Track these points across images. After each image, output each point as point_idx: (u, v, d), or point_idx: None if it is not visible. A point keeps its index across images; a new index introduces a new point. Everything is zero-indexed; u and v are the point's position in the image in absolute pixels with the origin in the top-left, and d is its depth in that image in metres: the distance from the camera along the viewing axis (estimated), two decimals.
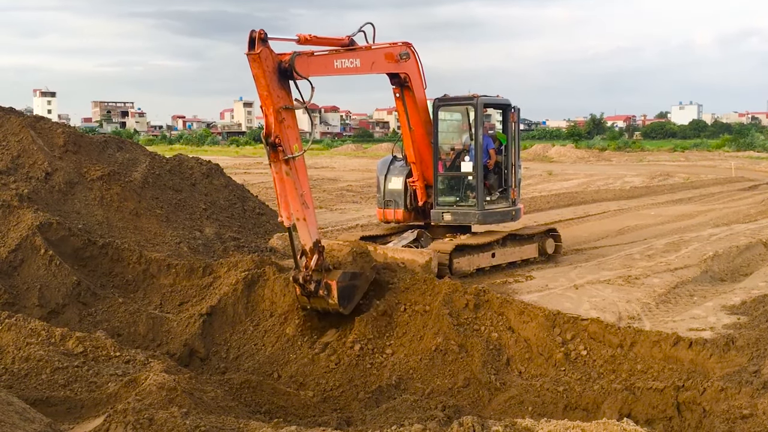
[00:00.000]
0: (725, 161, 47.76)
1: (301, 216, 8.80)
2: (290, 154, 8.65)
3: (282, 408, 7.51)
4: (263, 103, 8.66)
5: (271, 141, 8.54)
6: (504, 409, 7.49)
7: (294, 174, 8.73)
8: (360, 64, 10.79)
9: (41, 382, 6.86)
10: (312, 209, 9.01)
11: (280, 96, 8.72)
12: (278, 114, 8.59)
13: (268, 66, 8.58)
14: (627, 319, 10.03)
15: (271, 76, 8.62)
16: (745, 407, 6.19)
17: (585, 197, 26.35)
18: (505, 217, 13.70)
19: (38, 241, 10.84)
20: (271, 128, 8.57)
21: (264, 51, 8.53)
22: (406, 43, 12.28)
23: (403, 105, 12.87)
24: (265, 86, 8.55)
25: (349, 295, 9.18)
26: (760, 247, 15.18)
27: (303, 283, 8.88)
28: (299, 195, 8.77)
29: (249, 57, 8.48)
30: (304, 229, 8.83)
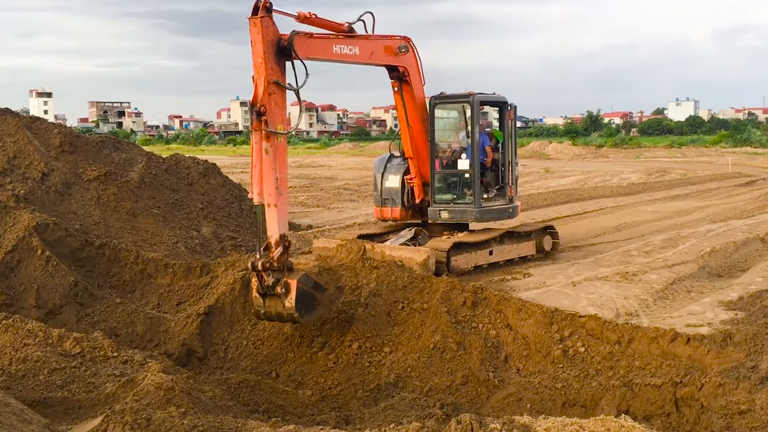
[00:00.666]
0: (722, 157, 47.81)
1: (272, 201, 8.33)
2: (273, 129, 8.37)
3: (280, 407, 7.51)
4: (256, 71, 8.42)
5: (257, 108, 8.29)
6: (502, 407, 7.50)
7: (273, 153, 8.39)
8: (359, 52, 10.72)
9: (39, 383, 6.85)
10: (285, 197, 8.60)
11: (274, 69, 8.55)
12: (269, 86, 8.41)
13: (268, 35, 8.45)
14: (625, 315, 10.04)
15: (269, 47, 8.48)
16: (742, 402, 6.20)
17: (582, 194, 26.36)
18: (502, 214, 13.70)
19: (35, 242, 10.82)
20: (259, 96, 8.36)
21: (267, 19, 8.43)
22: (405, 38, 12.28)
23: (402, 99, 12.86)
24: (262, 53, 8.38)
25: (309, 304, 8.41)
26: (757, 242, 15.20)
27: (261, 271, 8.14)
28: (275, 178, 8.38)
29: (250, 21, 8.36)
30: (273, 217, 8.35)
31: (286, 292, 8.18)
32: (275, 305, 8.28)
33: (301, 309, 8.25)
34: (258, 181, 8.28)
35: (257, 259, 8.20)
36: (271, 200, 8.32)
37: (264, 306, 8.38)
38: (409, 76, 12.48)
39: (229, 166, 37.74)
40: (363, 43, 10.89)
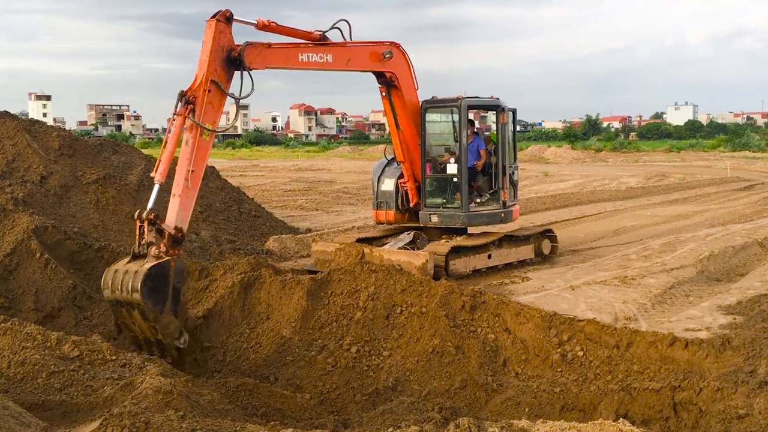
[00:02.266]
0: (721, 161, 47.84)
1: (178, 192, 8.22)
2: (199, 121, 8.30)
3: (279, 411, 7.50)
4: (199, 66, 8.50)
5: (187, 96, 8.29)
6: (501, 411, 7.50)
7: (192, 146, 8.30)
8: (332, 59, 10.71)
9: (37, 387, 6.84)
10: (193, 192, 8.43)
11: (217, 71, 8.62)
12: (207, 83, 8.45)
13: (220, 39, 8.59)
14: (623, 319, 10.04)
15: (218, 49, 8.59)
16: (741, 407, 6.20)
17: (581, 198, 26.38)
18: (492, 219, 13.59)
19: (34, 245, 10.81)
20: (194, 88, 8.40)
21: (222, 25, 8.59)
22: (394, 43, 12.27)
23: (390, 104, 12.86)
24: (208, 52, 8.50)
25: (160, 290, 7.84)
26: (755, 247, 15.21)
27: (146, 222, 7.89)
28: (187, 170, 8.26)
29: (207, 23, 8.53)
30: (174, 207, 8.20)
31: (155, 258, 7.85)
32: (134, 266, 7.84)
33: (151, 281, 7.75)
34: (166, 162, 8.23)
35: (144, 210, 7.99)
36: (177, 190, 8.28)
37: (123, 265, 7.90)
38: (398, 81, 12.46)
39: (228, 169, 37.75)
40: (337, 50, 10.86)
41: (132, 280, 7.72)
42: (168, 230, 8.04)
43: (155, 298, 7.81)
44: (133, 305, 7.79)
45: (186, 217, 8.34)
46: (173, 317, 8.02)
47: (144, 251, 7.97)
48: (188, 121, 8.31)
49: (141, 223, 7.97)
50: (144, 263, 7.84)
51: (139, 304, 7.74)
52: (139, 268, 7.77)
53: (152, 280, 7.75)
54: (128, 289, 7.73)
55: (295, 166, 46.27)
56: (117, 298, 7.91)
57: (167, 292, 7.92)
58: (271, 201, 24.33)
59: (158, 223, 7.96)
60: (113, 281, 7.89)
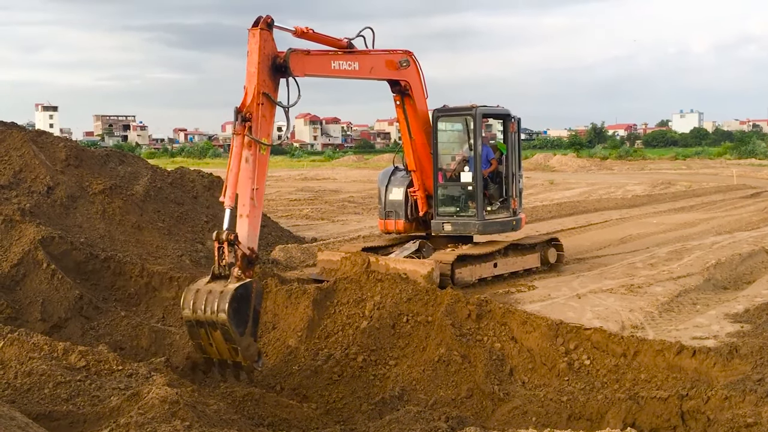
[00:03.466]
0: (727, 169, 47.74)
1: (245, 212, 8.11)
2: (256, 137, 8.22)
3: (285, 420, 7.49)
4: (248, 80, 8.41)
5: (243, 113, 8.21)
6: (507, 420, 7.47)
7: (253, 163, 8.21)
8: (359, 67, 10.75)
9: (44, 397, 6.84)
10: (259, 209, 8.38)
11: (266, 82, 8.54)
12: (258, 95, 8.38)
13: (265, 48, 8.49)
14: (630, 328, 10.01)
15: (264, 59, 8.50)
16: (749, 415, 6.17)
17: (587, 206, 26.34)
18: (505, 227, 13.70)
19: (40, 256, 10.84)
20: (247, 103, 8.32)
21: (266, 32, 8.49)
22: (407, 52, 12.31)
23: (404, 113, 12.89)
24: (256, 63, 8.40)
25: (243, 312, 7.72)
26: (762, 254, 15.15)
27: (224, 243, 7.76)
28: (251, 188, 8.17)
29: (250, 32, 8.42)
30: (243, 228, 8.08)
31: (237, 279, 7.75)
32: (215, 286, 7.71)
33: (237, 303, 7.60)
34: (232, 184, 8.07)
35: (222, 231, 7.85)
36: (244, 211, 8.14)
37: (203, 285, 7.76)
38: (411, 89, 12.51)
39: None
40: (363, 58, 10.93)
41: (218, 301, 7.55)
42: (243, 251, 7.92)
43: (239, 319, 7.65)
44: (216, 326, 7.59)
45: (256, 236, 8.23)
46: (253, 339, 7.90)
47: (225, 272, 7.84)
48: (246, 138, 8.20)
49: (220, 245, 7.84)
50: (227, 284, 7.70)
51: (224, 325, 7.54)
52: (223, 289, 7.63)
53: (237, 301, 7.59)
54: (213, 309, 7.55)
55: (301, 176, 46.36)
56: (198, 319, 7.68)
57: (249, 313, 7.79)
58: (277, 210, 24.36)
59: (237, 243, 7.87)
60: (195, 301, 7.69)
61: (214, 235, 7.91)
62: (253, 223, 8.16)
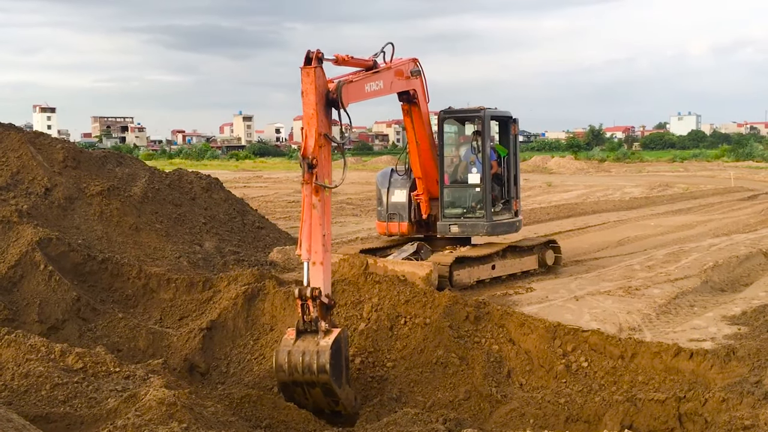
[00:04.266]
0: (724, 171, 47.80)
1: (319, 259, 7.98)
2: (322, 182, 8.08)
3: (283, 422, 7.49)
4: (307, 122, 8.16)
5: (309, 160, 7.96)
6: (505, 422, 7.47)
7: (321, 208, 8.09)
8: (383, 85, 10.52)
9: (41, 399, 6.84)
10: (329, 253, 8.29)
11: (324, 122, 8.31)
12: (320, 138, 8.14)
13: (320, 86, 8.22)
14: (628, 330, 10.02)
15: (321, 97, 8.25)
16: (746, 418, 6.17)
17: (585, 208, 26.35)
18: (510, 228, 13.78)
19: (38, 257, 10.83)
20: (310, 149, 8.04)
21: (320, 69, 8.22)
22: (414, 59, 12.22)
23: (411, 121, 12.85)
24: (314, 104, 8.12)
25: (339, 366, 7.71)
26: (760, 257, 15.17)
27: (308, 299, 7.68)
28: (322, 234, 8.04)
29: (303, 71, 8.13)
30: (318, 275, 7.97)
31: (326, 333, 7.66)
32: (306, 345, 7.58)
33: (333, 359, 7.51)
34: (307, 236, 7.92)
35: (305, 287, 7.72)
36: (317, 258, 7.98)
37: (292, 345, 7.62)
38: (417, 97, 12.47)
39: (231, 180, 37.81)
40: (385, 75, 10.67)
41: (316, 362, 7.47)
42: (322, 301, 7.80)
43: (337, 374, 7.64)
44: (316, 385, 7.56)
45: (329, 281, 8.15)
46: (349, 386, 7.94)
47: (311, 327, 7.72)
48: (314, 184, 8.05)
49: (303, 301, 7.72)
50: (318, 340, 7.60)
51: (326, 384, 7.52)
52: (317, 347, 7.53)
53: (334, 357, 7.54)
54: (313, 370, 7.48)
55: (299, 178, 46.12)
56: (296, 380, 7.61)
57: (343, 363, 7.81)
58: (275, 212, 24.35)
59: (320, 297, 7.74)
60: (290, 363, 7.57)
61: (297, 291, 7.73)
62: (327, 269, 8.09)
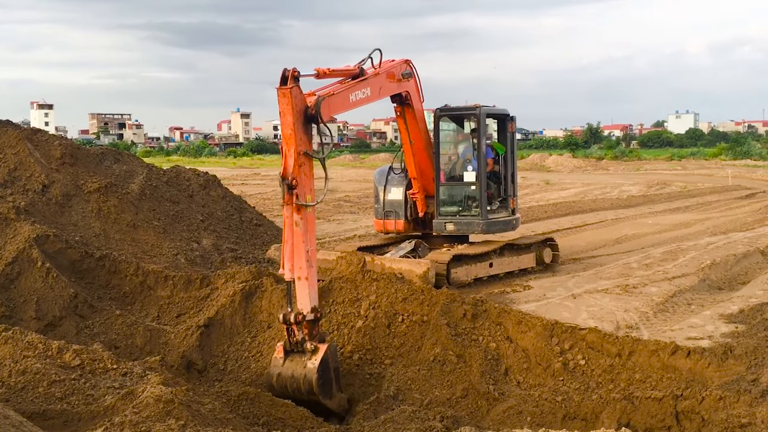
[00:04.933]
0: (722, 170, 47.87)
1: (303, 275, 8.08)
2: (303, 201, 8.13)
3: (280, 420, 7.49)
4: (286, 142, 8.20)
5: (289, 181, 8.02)
6: (502, 420, 7.48)
7: (303, 225, 8.12)
8: (370, 92, 10.47)
9: (38, 396, 6.83)
10: (315, 269, 8.36)
11: (303, 140, 8.30)
12: (299, 157, 8.16)
13: (297, 105, 8.21)
14: (625, 328, 10.03)
15: (298, 116, 8.24)
16: (743, 416, 6.18)
17: (582, 206, 26.38)
18: (507, 226, 13.76)
19: (35, 254, 10.82)
20: (290, 169, 8.06)
21: (296, 89, 8.19)
22: (406, 61, 12.18)
23: (404, 122, 12.83)
24: (291, 124, 8.13)
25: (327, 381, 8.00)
26: (757, 255, 15.20)
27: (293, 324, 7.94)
28: (305, 251, 8.12)
29: (279, 91, 8.14)
30: (304, 290, 8.10)
31: (312, 352, 7.97)
32: (295, 366, 7.97)
33: (321, 379, 7.88)
34: (289, 256, 8.05)
35: (289, 312, 7.95)
36: (302, 273, 8.08)
37: (281, 367, 8.04)
38: (411, 98, 12.44)
39: (229, 177, 37.81)
40: (372, 81, 10.59)
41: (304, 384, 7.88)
42: (309, 318, 8.01)
43: (326, 389, 7.96)
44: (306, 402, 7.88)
45: (315, 293, 8.26)
46: (340, 392, 8.21)
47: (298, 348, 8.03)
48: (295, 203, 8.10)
49: (288, 326, 7.96)
50: (305, 362, 7.92)
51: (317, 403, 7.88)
52: (304, 370, 7.89)
53: (322, 377, 7.88)
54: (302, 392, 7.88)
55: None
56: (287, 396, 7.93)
57: (332, 376, 8.06)
58: (273, 210, 24.34)
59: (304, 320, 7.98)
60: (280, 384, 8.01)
61: (281, 317, 7.98)
62: (312, 283, 8.17)
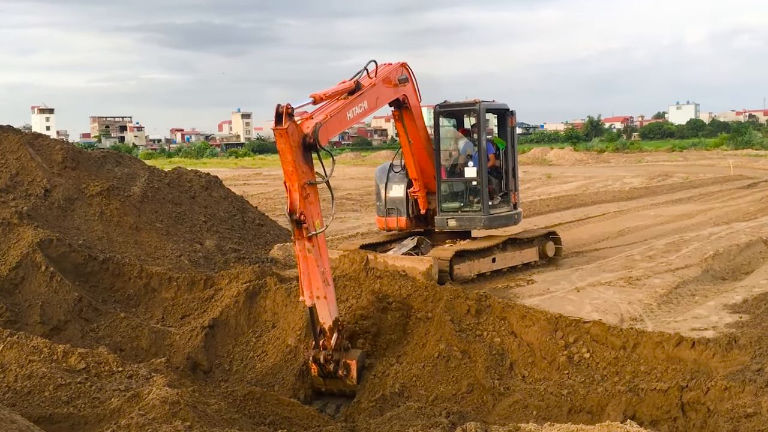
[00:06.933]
0: (724, 160, 47.75)
1: (322, 294, 8.32)
2: (313, 230, 8.27)
3: (286, 419, 7.51)
4: (288, 178, 8.26)
5: (296, 218, 8.15)
6: (508, 414, 7.49)
7: (316, 251, 8.30)
8: (368, 105, 10.43)
9: (44, 400, 6.86)
10: (332, 286, 8.63)
11: (305, 171, 8.37)
12: (303, 189, 8.23)
13: (294, 141, 8.24)
14: (629, 320, 10.03)
15: (297, 150, 8.28)
16: (749, 406, 6.19)
17: (584, 199, 26.35)
18: (509, 221, 13.74)
19: (39, 258, 10.84)
20: (296, 204, 8.16)
21: (291, 126, 8.21)
22: (402, 64, 12.12)
23: (403, 125, 12.80)
24: (291, 162, 8.17)
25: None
26: (760, 244, 15.18)
27: (323, 364, 8.42)
28: (321, 272, 8.33)
29: (276, 132, 8.19)
30: (324, 307, 8.36)
31: (347, 373, 8.51)
32: (336, 384, 8.62)
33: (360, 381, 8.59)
34: (307, 284, 8.29)
35: (317, 353, 8.41)
36: (320, 293, 8.33)
37: (325, 384, 8.68)
38: (408, 101, 12.40)
39: (231, 178, 37.80)
40: (368, 94, 10.51)
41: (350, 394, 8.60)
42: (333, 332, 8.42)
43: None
44: None
45: (335, 306, 8.60)
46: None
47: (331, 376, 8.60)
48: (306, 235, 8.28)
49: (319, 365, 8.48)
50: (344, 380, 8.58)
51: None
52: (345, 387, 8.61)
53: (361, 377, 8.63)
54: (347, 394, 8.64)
55: None
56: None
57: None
58: (275, 209, 24.33)
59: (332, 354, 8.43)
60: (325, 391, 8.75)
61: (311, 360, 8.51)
62: (330, 299, 8.50)
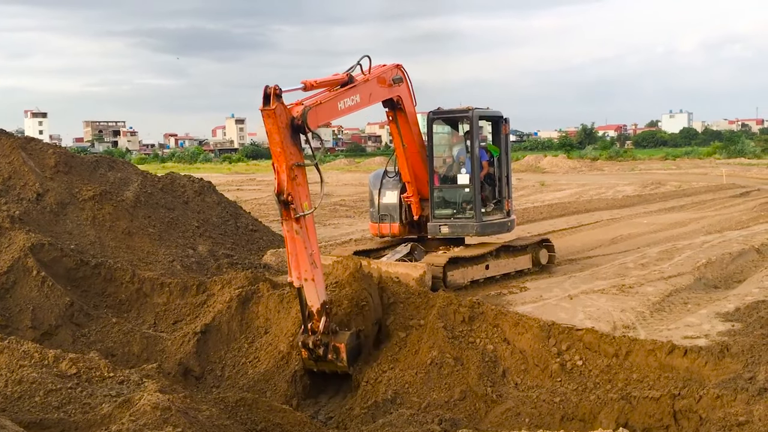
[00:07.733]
0: (716, 168, 47.95)
1: (309, 276, 8.42)
2: (301, 211, 8.34)
3: (278, 425, 7.48)
4: (276, 159, 8.34)
5: (284, 198, 8.21)
6: (501, 422, 7.48)
7: (304, 232, 8.39)
8: (360, 99, 10.52)
9: (35, 405, 6.81)
10: (320, 269, 8.67)
11: (293, 152, 8.44)
12: (291, 171, 8.30)
13: (282, 122, 8.32)
14: (622, 328, 10.04)
15: (285, 132, 8.36)
16: (741, 414, 6.19)
17: (578, 207, 26.40)
18: (502, 228, 13.75)
19: (30, 263, 10.79)
20: (284, 185, 8.23)
21: (279, 107, 8.27)
22: (397, 65, 12.16)
23: (397, 127, 12.81)
24: (279, 143, 8.26)
25: (356, 354, 8.91)
26: (752, 253, 15.23)
27: (312, 348, 8.59)
28: (309, 254, 8.41)
29: (264, 113, 8.24)
30: (312, 289, 8.47)
31: (337, 356, 8.67)
32: (328, 365, 8.80)
33: (352, 363, 8.79)
34: (295, 265, 8.38)
35: (306, 338, 8.59)
36: (308, 275, 8.42)
37: (317, 365, 8.85)
38: (402, 103, 12.43)
39: (224, 183, 37.74)
40: (362, 88, 10.64)
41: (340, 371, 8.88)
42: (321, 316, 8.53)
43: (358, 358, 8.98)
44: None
45: (323, 289, 8.68)
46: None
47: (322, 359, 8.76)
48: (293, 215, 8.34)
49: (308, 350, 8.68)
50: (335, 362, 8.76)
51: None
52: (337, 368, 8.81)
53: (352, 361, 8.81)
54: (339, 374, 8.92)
55: None
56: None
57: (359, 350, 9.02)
58: (268, 215, 24.30)
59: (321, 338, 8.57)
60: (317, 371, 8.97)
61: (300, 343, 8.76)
62: (319, 281, 8.57)
